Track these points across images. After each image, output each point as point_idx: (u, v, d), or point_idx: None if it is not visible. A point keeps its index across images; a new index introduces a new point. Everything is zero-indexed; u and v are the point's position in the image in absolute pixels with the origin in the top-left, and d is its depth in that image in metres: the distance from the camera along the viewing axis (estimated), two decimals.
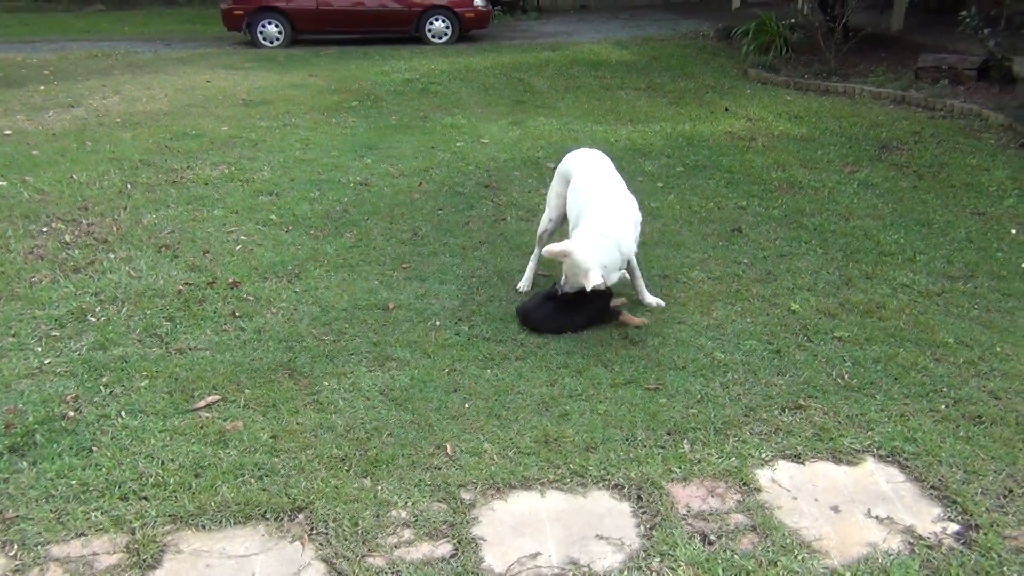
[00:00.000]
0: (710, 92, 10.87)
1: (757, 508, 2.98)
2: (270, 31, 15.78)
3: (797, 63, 12.08)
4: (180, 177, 7.01)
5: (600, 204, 4.27)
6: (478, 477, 3.15)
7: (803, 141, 8.25)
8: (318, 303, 4.66)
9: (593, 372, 3.90)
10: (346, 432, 3.44)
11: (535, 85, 11.55)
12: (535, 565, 2.74)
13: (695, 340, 4.20)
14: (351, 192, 6.67)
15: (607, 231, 4.11)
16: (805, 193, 6.59)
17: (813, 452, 3.31)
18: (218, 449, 3.32)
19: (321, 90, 11.25)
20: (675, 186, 6.80)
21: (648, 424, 3.48)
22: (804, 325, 4.36)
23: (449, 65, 13.22)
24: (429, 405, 3.64)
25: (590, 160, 4.70)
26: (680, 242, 5.56)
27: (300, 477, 3.15)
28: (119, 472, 3.17)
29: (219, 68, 13.13)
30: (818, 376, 3.86)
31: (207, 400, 3.67)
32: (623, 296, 4.59)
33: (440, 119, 9.38)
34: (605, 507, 3.01)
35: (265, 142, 8.28)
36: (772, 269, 5.11)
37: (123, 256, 5.29)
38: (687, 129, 8.79)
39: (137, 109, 9.94)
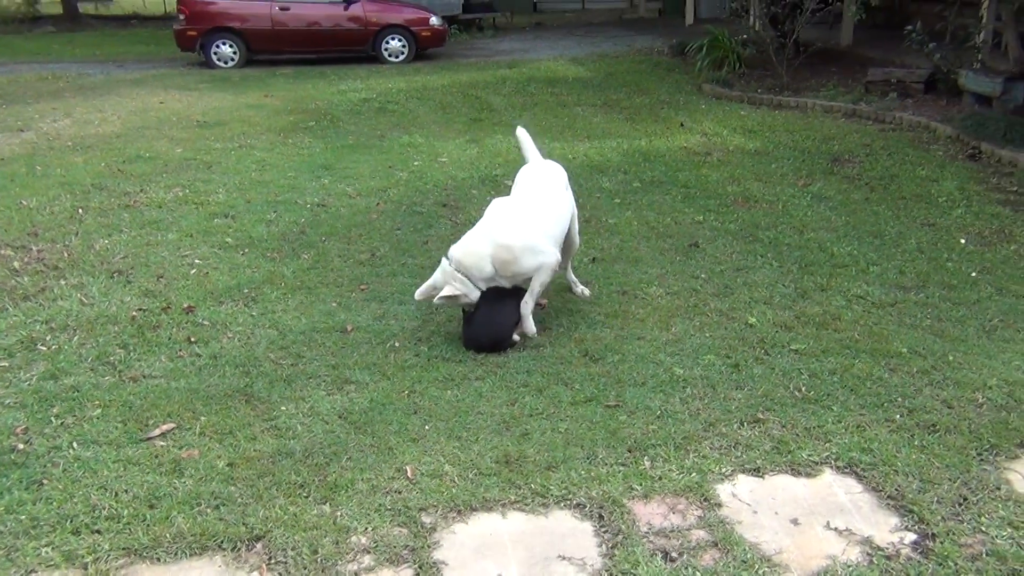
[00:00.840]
0: (665, 108, 10.98)
1: (718, 523, 2.99)
2: (224, 51, 15.67)
3: (750, 78, 12.26)
4: (133, 201, 6.91)
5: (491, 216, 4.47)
6: (439, 500, 3.13)
7: (757, 155, 8.36)
8: (275, 326, 4.61)
9: (553, 390, 3.90)
10: (305, 457, 3.40)
11: (492, 103, 11.59)
12: None
13: (654, 356, 4.22)
14: (308, 213, 6.62)
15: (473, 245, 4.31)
16: (760, 207, 6.67)
17: (772, 465, 3.34)
18: (173, 479, 3.26)
19: (277, 110, 11.18)
20: (632, 202, 6.84)
21: (609, 442, 3.48)
22: (761, 338, 4.40)
23: (406, 84, 13.22)
24: (389, 428, 3.61)
25: (529, 172, 4.86)
26: (638, 258, 5.59)
27: (258, 505, 3.10)
28: (71, 505, 3.10)
29: (173, 89, 12.99)
30: (776, 389, 3.89)
31: (162, 428, 3.61)
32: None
33: (397, 138, 9.37)
34: (567, 527, 3.00)
35: (220, 164, 8.19)
36: (729, 283, 5.16)
37: (74, 283, 5.19)
38: (643, 145, 8.87)
39: (89, 132, 9.79)
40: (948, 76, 10.01)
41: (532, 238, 4.34)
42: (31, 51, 18.96)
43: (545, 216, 4.49)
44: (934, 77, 10.43)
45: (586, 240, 5.92)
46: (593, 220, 6.36)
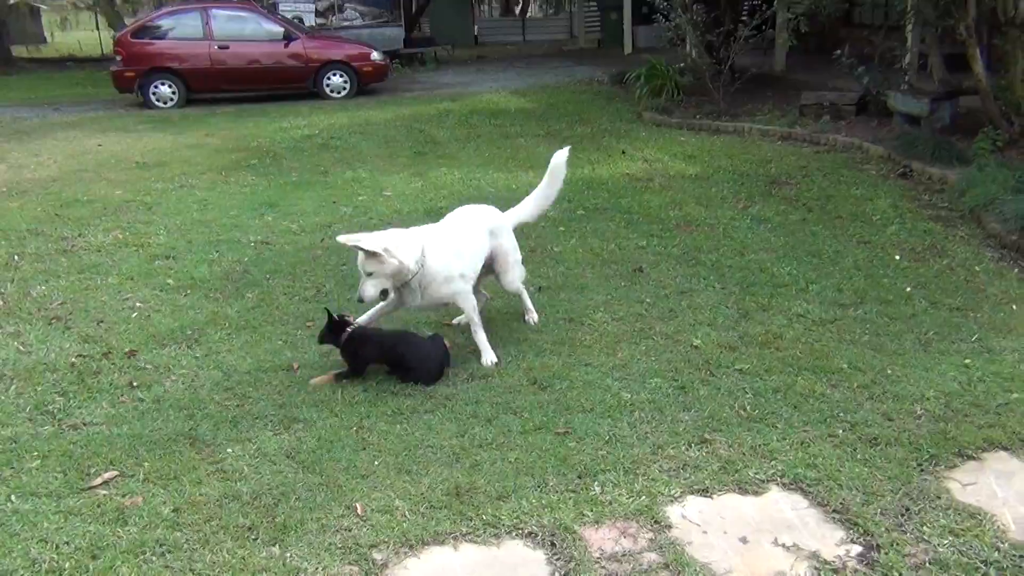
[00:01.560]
0: (607, 136, 11.14)
1: (668, 545, 3.01)
2: (163, 92, 15.53)
3: (689, 104, 12.50)
4: (71, 246, 6.79)
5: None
6: (390, 535, 3.10)
7: (698, 180, 8.51)
8: (220, 367, 4.55)
9: (503, 420, 3.90)
10: (252, 499, 3.35)
11: (436, 136, 11.64)
12: None
13: (602, 381, 4.26)
14: (252, 251, 6.57)
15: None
16: (702, 230, 6.79)
17: (720, 485, 3.37)
18: (117, 527, 3.19)
19: (218, 149, 11.10)
20: (577, 229, 6.91)
21: (559, 469, 3.49)
22: (707, 360, 4.47)
23: (349, 119, 13.22)
24: (337, 465, 3.57)
25: (458, 211, 5.06)
26: (584, 285, 5.65)
27: (205, 551, 3.05)
28: (9, 561, 3.01)
29: (111, 131, 12.82)
30: (722, 409, 3.94)
31: (104, 477, 3.53)
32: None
33: (341, 173, 9.35)
34: (519, 557, 3.00)
35: (161, 205, 8.09)
36: (674, 306, 5.23)
37: (10, 331, 5.07)
38: (586, 173, 8.97)
39: (24, 177, 9.60)
40: (878, 98, 10.34)
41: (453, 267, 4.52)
42: None
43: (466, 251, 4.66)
44: (865, 99, 10.75)
45: (532, 269, 5.95)
46: (538, 249, 6.41)
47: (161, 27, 16.03)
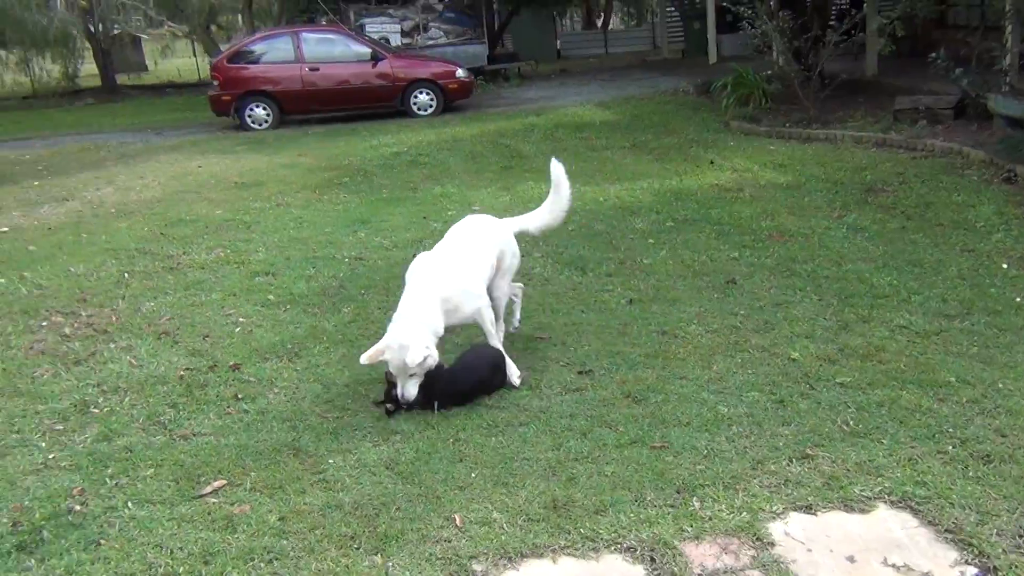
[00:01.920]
0: (694, 146, 11.04)
1: (772, 563, 2.96)
2: (258, 114, 16.05)
3: (777, 113, 12.30)
4: (176, 263, 7.07)
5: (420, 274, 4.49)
6: (488, 547, 3.13)
7: (789, 189, 8.36)
8: (320, 380, 4.66)
9: (598, 433, 3.90)
10: (354, 509, 3.42)
11: (522, 150, 11.72)
12: None
13: (697, 395, 4.21)
14: (346, 267, 6.73)
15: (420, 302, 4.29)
16: (796, 240, 6.66)
17: (824, 502, 3.30)
18: (227, 534, 3.30)
19: (311, 169, 11.41)
20: (666, 241, 6.86)
21: (656, 483, 3.46)
22: (805, 373, 4.38)
23: (436, 136, 13.42)
24: (435, 476, 3.62)
25: (457, 225, 4.96)
26: (675, 297, 5.60)
27: (310, 558, 3.13)
28: (128, 564, 3.15)
29: (210, 153, 13.31)
30: (823, 424, 3.86)
31: (213, 485, 3.65)
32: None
33: (430, 189, 9.51)
34: (618, 571, 2.99)
35: (259, 223, 8.36)
36: (769, 318, 5.14)
37: (123, 345, 5.31)
38: (674, 184, 8.91)
39: (131, 199, 10.06)
40: (977, 101, 9.97)
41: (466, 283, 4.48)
42: (72, 123, 19.56)
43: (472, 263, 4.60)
44: (963, 102, 10.39)
45: (621, 281, 5.96)
46: (627, 261, 6.39)
47: (255, 52, 16.59)
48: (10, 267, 7.21)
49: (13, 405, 4.57)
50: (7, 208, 9.90)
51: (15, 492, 3.69)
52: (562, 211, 5.23)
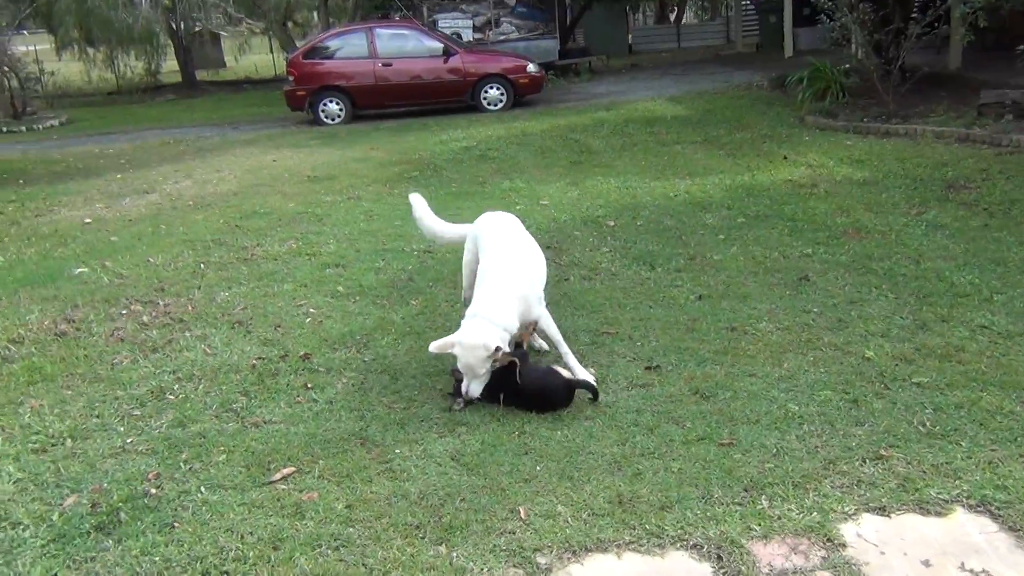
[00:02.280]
0: (768, 141, 10.84)
1: (843, 565, 2.89)
2: (331, 109, 16.31)
3: (855, 107, 11.99)
4: (251, 255, 7.23)
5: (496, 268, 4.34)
6: (553, 540, 3.12)
7: (866, 185, 8.15)
8: (387, 371, 4.71)
9: (664, 429, 3.85)
10: (420, 499, 3.45)
11: (591, 145, 11.67)
12: None
13: (767, 392, 4.13)
14: (415, 260, 6.79)
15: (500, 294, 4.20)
16: (872, 237, 6.48)
17: (899, 504, 3.20)
18: (295, 521, 3.36)
19: (383, 163, 11.55)
20: (737, 237, 6.75)
21: (724, 481, 3.41)
22: (880, 372, 4.26)
23: (505, 131, 13.45)
24: (500, 469, 3.63)
25: (496, 223, 4.77)
26: (746, 293, 5.50)
27: (376, 547, 3.16)
28: (200, 547, 3.22)
29: (284, 147, 13.58)
30: (899, 424, 3.75)
31: (283, 472, 3.72)
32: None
33: (499, 184, 9.53)
34: (684, 568, 2.95)
35: (330, 216, 8.50)
36: (843, 316, 5.02)
37: (198, 334, 5.45)
38: (746, 180, 8.76)
39: (208, 191, 10.32)
40: None
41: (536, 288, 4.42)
42: (154, 118, 20.17)
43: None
44: None
45: (691, 277, 5.89)
46: (697, 257, 6.31)
47: (329, 48, 16.87)
48: (93, 256, 7.47)
49: (93, 390, 4.73)
50: (91, 200, 10.26)
51: (95, 474, 3.82)
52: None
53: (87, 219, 9.13)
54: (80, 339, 5.50)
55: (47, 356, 5.23)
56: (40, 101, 24.18)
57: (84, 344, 5.41)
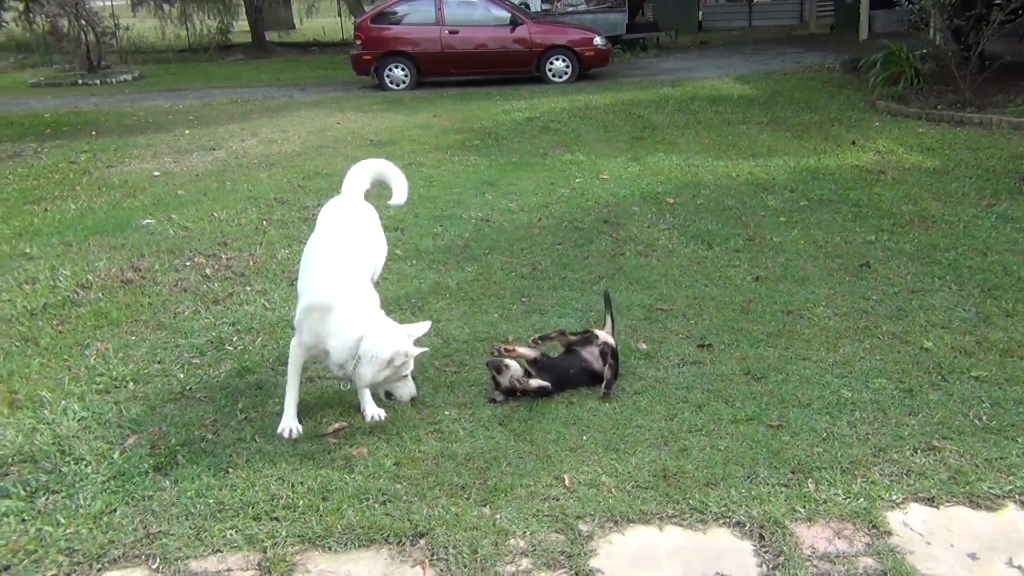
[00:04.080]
0: (836, 125, 10.62)
1: (887, 552, 2.87)
2: (396, 74, 16.39)
3: (929, 94, 11.66)
4: (312, 214, 7.32)
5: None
6: (596, 509, 3.15)
7: (936, 174, 7.95)
8: (440, 335, 4.76)
9: (713, 407, 3.84)
10: (466, 460, 3.50)
11: (654, 121, 11.55)
12: None
13: (820, 377, 4.09)
14: (472, 227, 6.83)
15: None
16: (939, 227, 6.33)
17: (948, 496, 3.16)
18: (344, 473, 3.44)
19: (444, 130, 11.58)
20: (799, 220, 6.65)
21: (771, 462, 3.40)
22: (938, 364, 4.18)
23: (569, 103, 13.38)
24: (547, 436, 3.66)
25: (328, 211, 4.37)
26: (804, 277, 5.43)
27: (421, 503, 3.22)
28: (252, 493, 3.32)
29: (348, 111, 13.70)
30: (954, 417, 3.68)
31: (335, 426, 3.80)
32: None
33: (560, 156, 9.50)
34: (726, 545, 2.96)
35: None
36: (903, 305, 4.93)
37: (258, 289, 5.57)
38: (811, 163, 8.60)
39: (273, 151, 10.47)
40: None
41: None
42: (223, 77, 20.48)
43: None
44: None
45: (749, 258, 5.83)
46: (757, 238, 6.24)
47: (397, 13, 16.90)
48: (160, 209, 7.66)
49: (156, 337, 4.87)
50: (160, 154, 10.49)
51: (154, 417, 3.95)
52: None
53: (155, 172, 9.35)
54: (145, 287, 5.66)
55: (113, 302, 5.40)
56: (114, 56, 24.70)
57: (149, 292, 5.57)
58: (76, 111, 14.92)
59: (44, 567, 2.95)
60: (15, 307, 5.36)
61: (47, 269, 6.05)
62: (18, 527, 3.16)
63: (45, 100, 16.95)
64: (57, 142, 11.66)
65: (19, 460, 3.60)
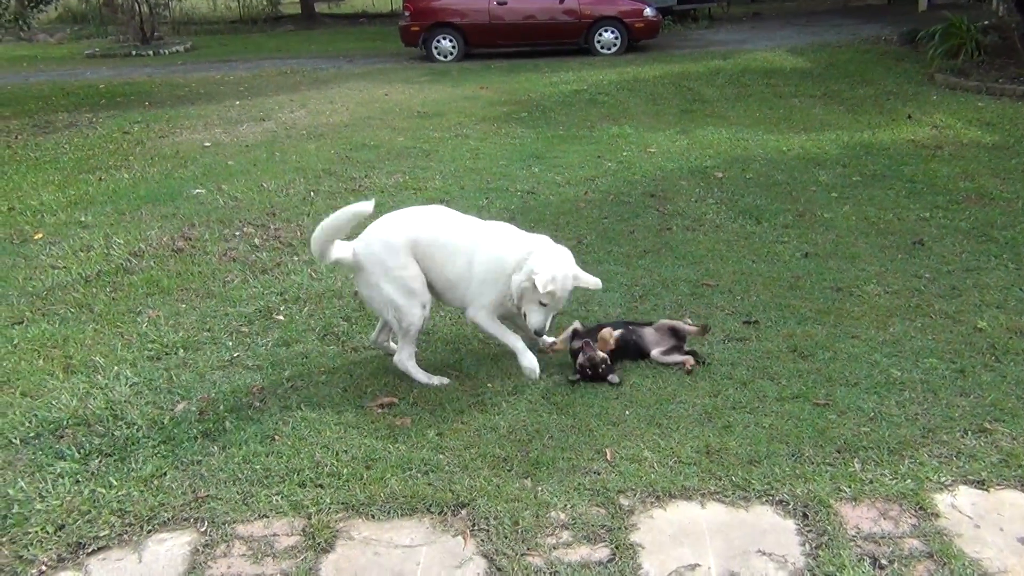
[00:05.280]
0: (891, 99, 10.36)
1: (934, 534, 2.82)
2: (444, 46, 16.34)
3: (990, 67, 11.32)
4: (359, 186, 7.38)
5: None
6: (637, 484, 3.14)
7: (995, 150, 7.72)
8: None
9: (758, 384, 3.80)
10: (508, 433, 3.51)
11: (704, 94, 11.38)
12: None
13: (869, 356, 4.02)
14: (518, 200, 6.81)
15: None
16: (996, 205, 6.17)
17: (999, 479, 3.10)
18: (388, 443, 3.47)
19: (491, 102, 11.54)
20: (851, 196, 6.52)
21: (816, 440, 3.36)
22: (992, 344, 4.08)
23: (617, 75, 13.23)
24: (590, 411, 3.66)
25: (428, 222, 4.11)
26: (855, 254, 5.33)
27: (463, 474, 3.25)
28: (298, 460, 3.38)
29: (396, 82, 13.71)
30: (1007, 399, 3.60)
31: (381, 400, 3.82)
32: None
33: (607, 129, 9.41)
34: (768, 522, 2.94)
35: (437, 152, 8.58)
36: (957, 284, 4.82)
37: (305, 259, 5.62)
38: (865, 137, 8.42)
39: (321, 122, 10.54)
40: None
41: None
42: (272, 48, 20.61)
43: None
44: None
45: (798, 234, 5.74)
46: (807, 214, 6.13)
47: None
48: (210, 179, 7.76)
49: (205, 306, 4.95)
50: (211, 124, 10.61)
51: (203, 385, 4.03)
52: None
53: (206, 143, 9.46)
54: (195, 256, 5.76)
55: (164, 270, 5.51)
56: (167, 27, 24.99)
57: (199, 261, 5.66)
58: (130, 82, 15.15)
59: (97, 527, 3.03)
60: (70, 274, 5.49)
61: (101, 237, 6.17)
62: (72, 488, 3.25)
63: (100, 71, 17.23)
64: (111, 112, 11.86)
65: (74, 423, 3.70)
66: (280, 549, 2.90)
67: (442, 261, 3.96)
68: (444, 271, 3.97)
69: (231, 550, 2.91)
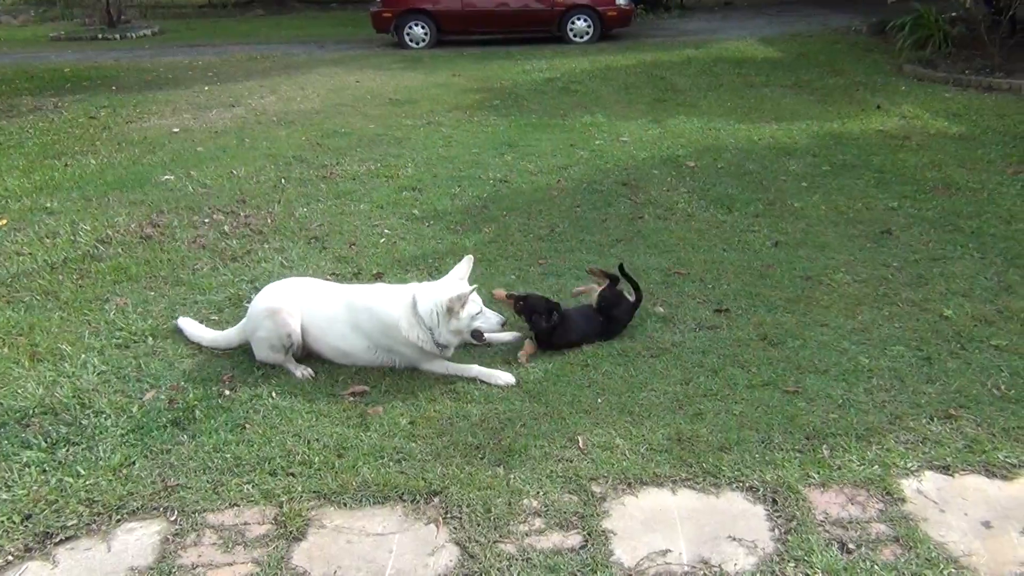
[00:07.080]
0: (861, 89, 10.45)
1: (900, 519, 2.87)
2: (416, 33, 16.23)
3: (957, 58, 11.45)
4: (330, 173, 7.33)
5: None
6: (609, 471, 3.16)
7: (962, 140, 7.82)
8: None
9: (729, 372, 3.84)
10: (481, 421, 3.52)
11: (676, 83, 11.41)
12: (665, 562, 2.73)
13: (838, 344, 4.07)
14: (490, 188, 6.79)
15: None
16: (962, 194, 6.25)
17: (964, 464, 3.15)
18: (360, 432, 3.46)
19: (464, 89, 11.49)
20: (820, 186, 6.58)
21: (785, 427, 3.40)
22: (958, 332, 4.15)
23: (590, 64, 13.23)
24: (562, 399, 3.67)
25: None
26: (824, 243, 5.39)
27: (436, 462, 3.25)
28: (269, 449, 3.36)
29: (368, 69, 13.61)
30: (972, 386, 3.66)
31: (352, 389, 3.80)
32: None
33: (579, 117, 9.41)
34: (738, 508, 2.97)
35: (410, 140, 8.53)
36: (924, 273, 4.88)
37: (276, 247, 5.58)
38: (835, 127, 8.49)
39: (292, 108, 10.44)
40: None
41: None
42: (242, 33, 20.37)
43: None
44: None
45: (769, 223, 5.79)
46: (777, 203, 6.18)
47: None
48: (179, 165, 7.67)
49: (175, 293, 4.90)
50: (179, 110, 10.48)
51: (173, 373, 3.99)
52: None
53: (175, 128, 9.34)
54: (164, 243, 5.69)
55: (133, 257, 5.44)
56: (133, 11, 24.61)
57: (168, 248, 5.59)
58: (96, 66, 14.89)
59: (65, 516, 3.00)
60: (36, 261, 5.41)
61: (67, 224, 6.08)
62: (39, 477, 3.21)
63: (65, 54, 16.94)
64: (77, 97, 11.66)
65: (40, 412, 3.65)
66: (251, 538, 2.89)
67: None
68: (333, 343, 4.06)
69: (201, 539, 2.89)
